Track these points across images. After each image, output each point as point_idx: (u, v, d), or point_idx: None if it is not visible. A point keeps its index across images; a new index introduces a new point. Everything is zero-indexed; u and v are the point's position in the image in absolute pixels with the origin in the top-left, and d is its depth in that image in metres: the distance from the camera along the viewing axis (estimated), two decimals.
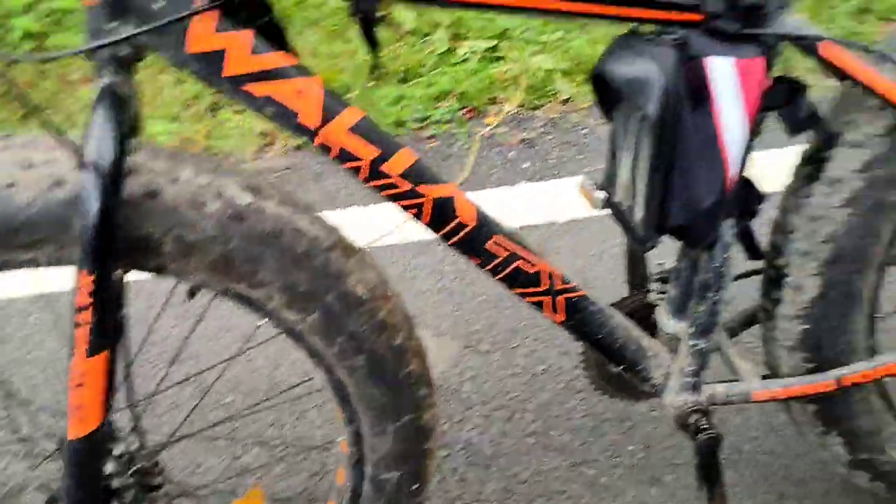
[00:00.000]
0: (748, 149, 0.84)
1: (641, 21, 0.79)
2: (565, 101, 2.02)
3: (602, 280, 1.61)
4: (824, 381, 0.98)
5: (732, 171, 0.83)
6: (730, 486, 1.23)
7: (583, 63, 2.05)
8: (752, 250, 0.96)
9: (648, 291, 1.08)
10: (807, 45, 0.81)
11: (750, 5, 0.77)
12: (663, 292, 1.06)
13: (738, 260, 0.95)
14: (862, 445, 1.07)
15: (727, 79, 0.79)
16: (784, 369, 1.03)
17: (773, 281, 0.98)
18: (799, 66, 0.88)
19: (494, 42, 2.12)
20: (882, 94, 0.81)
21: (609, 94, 0.86)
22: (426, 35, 2.19)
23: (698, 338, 0.97)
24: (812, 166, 0.91)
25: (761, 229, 0.96)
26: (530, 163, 1.88)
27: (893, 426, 1.07)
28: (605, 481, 1.31)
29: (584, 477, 1.32)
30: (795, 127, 0.85)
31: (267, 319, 0.89)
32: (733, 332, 1.12)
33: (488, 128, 1.97)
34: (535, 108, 2.03)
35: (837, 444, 1.08)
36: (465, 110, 2.02)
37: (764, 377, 1.04)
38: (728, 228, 0.91)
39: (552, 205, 1.76)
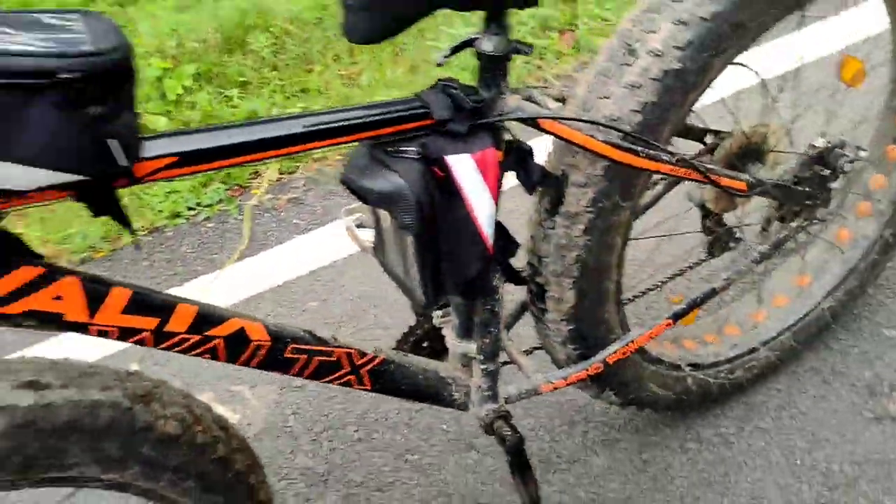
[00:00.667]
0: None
1: (382, 137, 0.83)
2: (318, 160, 2.18)
3: (388, 299, 1.72)
4: (595, 364, 1.15)
5: (490, 240, 0.92)
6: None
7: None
8: (515, 279, 1.08)
9: (432, 317, 1.18)
10: (529, 122, 0.89)
11: (473, 108, 0.84)
12: (447, 315, 1.17)
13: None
14: (629, 391, 1.28)
15: (468, 171, 0.86)
16: (561, 358, 1.18)
17: (537, 294, 1.11)
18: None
19: None
20: (596, 151, 0.92)
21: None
22: None
23: (487, 362, 1.09)
24: (549, 203, 1.03)
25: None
26: (301, 218, 2.02)
27: (649, 369, 1.29)
28: (429, 461, 1.45)
29: (409, 463, 1.45)
30: (531, 186, 0.95)
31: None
32: (508, 325, 1.26)
33: (255, 198, 2.10)
34: (293, 171, 2.18)
35: (611, 395, 1.28)
36: (231, 189, 2.12)
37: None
38: (495, 277, 1.01)
39: (330, 246, 1.90)
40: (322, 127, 0.79)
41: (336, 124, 0.80)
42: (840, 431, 1.43)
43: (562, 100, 1.07)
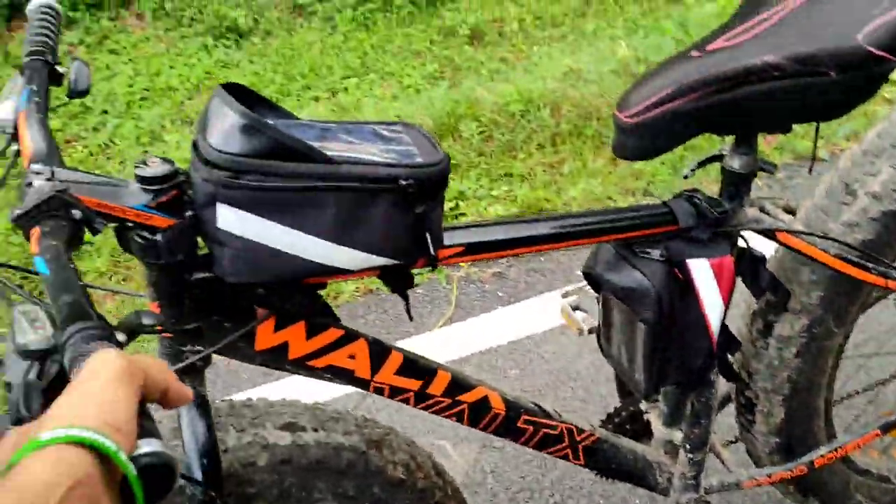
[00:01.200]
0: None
1: (631, 239, 0.92)
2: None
3: (583, 374, 1.81)
4: (799, 466, 1.16)
5: (716, 338, 0.98)
6: None
7: (527, 206, 2.39)
8: (729, 376, 1.12)
9: (639, 402, 1.24)
10: (767, 233, 0.96)
11: (716, 218, 0.91)
12: (653, 402, 1.22)
13: None
14: (834, 499, 1.27)
15: (705, 275, 0.93)
16: (764, 461, 1.21)
17: (746, 406, 1.15)
18: None
19: (454, 202, 2.45)
20: (829, 264, 0.97)
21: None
22: None
23: (694, 452, 1.14)
24: (763, 323, 1.08)
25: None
26: (503, 291, 2.17)
27: (856, 479, 1.28)
28: None
29: None
30: (759, 291, 1.00)
31: None
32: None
33: (461, 270, 2.24)
34: None
35: (815, 502, 1.28)
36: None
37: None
38: (714, 371, 1.06)
39: (530, 320, 2.03)
40: (582, 228, 0.90)
41: (594, 226, 0.90)
42: None
43: (791, 211, 1.12)
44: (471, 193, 2.45)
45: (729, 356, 1.08)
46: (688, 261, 0.92)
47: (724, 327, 1.04)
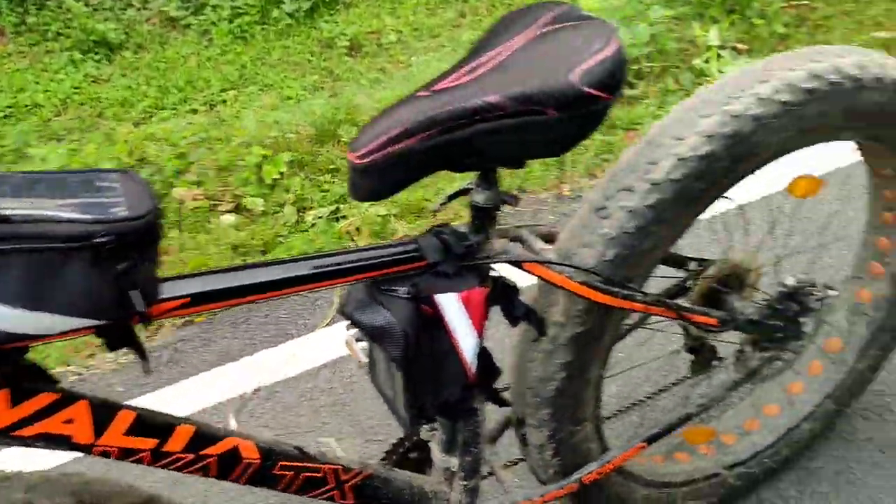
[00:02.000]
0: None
1: (377, 278, 0.90)
2: (403, 237, 2.35)
3: None
4: (570, 484, 1.19)
5: (472, 369, 0.99)
6: None
7: (409, 206, 2.40)
8: (498, 402, 1.14)
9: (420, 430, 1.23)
10: (515, 264, 0.97)
11: (463, 253, 0.91)
12: (434, 429, 1.22)
13: None
14: None
15: (454, 309, 0.93)
16: (542, 475, 1.23)
17: (520, 422, 1.17)
18: None
19: (336, 206, 2.47)
20: (575, 292, 0.99)
21: None
22: (276, 212, 2.48)
23: (468, 479, 1.14)
24: (523, 350, 1.10)
25: None
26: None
27: (638, 490, 1.33)
28: None
29: None
30: (514, 320, 1.02)
31: None
32: (493, 438, 1.31)
33: None
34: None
35: None
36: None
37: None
38: (477, 400, 1.07)
39: None
40: (326, 270, 0.87)
41: (339, 267, 0.88)
42: None
43: (551, 238, 1.15)
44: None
45: (495, 383, 1.09)
46: (436, 296, 0.92)
47: (484, 355, 1.05)
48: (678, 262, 1.34)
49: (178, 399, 1.93)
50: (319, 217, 2.46)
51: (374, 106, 2.79)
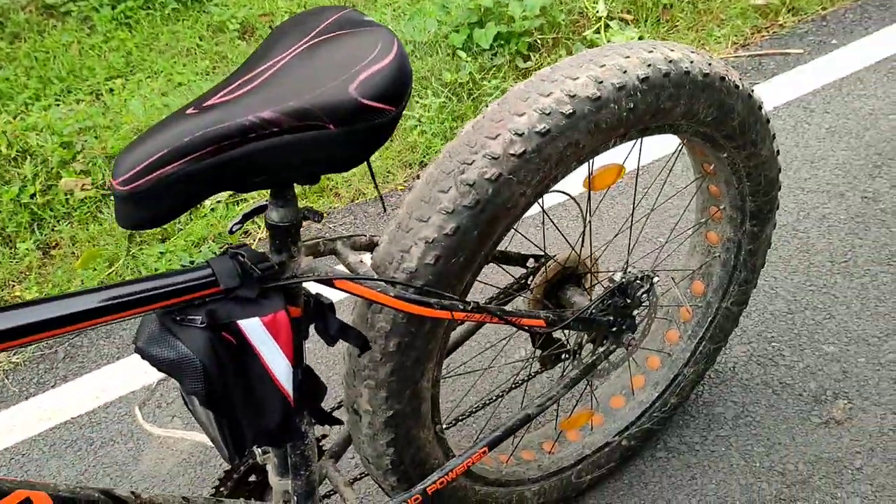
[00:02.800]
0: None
1: (170, 307, 0.85)
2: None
3: None
4: (414, 496, 1.17)
5: (290, 393, 0.94)
6: None
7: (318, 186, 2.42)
8: (328, 421, 1.10)
9: (254, 454, 1.19)
10: (325, 282, 0.93)
11: (262, 276, 0.87)
12: (268, 452, 1.17)
13: None
14: None
15: (260, 333, 0.88)
16: (387, 489, 1.21)
17: (357, 445, 1.14)
18: None
19: None
20: (390, 306, 0.97)
21: None
22: None
23: (303, 502, 1.10)
24: (350, 367, 1.08)
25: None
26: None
27: (485, 491, 1.32)
28: None
29: None
30: (330, 339, 0.98)
31: None
32: (336, 455, 1.28)
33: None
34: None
35: None
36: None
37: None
38: (304, 422, 1.03)
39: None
40: (113, 303, 0.80)
41: (127, 299, 0.81)
42: (792, 435, 1.62)
43: (371, 246, 1.12)
44: None
45: (321, 402, 1.06)
46: (239, 322, 0.87)
47: (308, 375, 1.01)
48: (516, 259, 1.34)
49: (77, 394, 1.87)
50: (218, 201, 2.41)
51: None
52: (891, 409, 1.63)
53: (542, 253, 1.35)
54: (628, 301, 1.24)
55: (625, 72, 1.03)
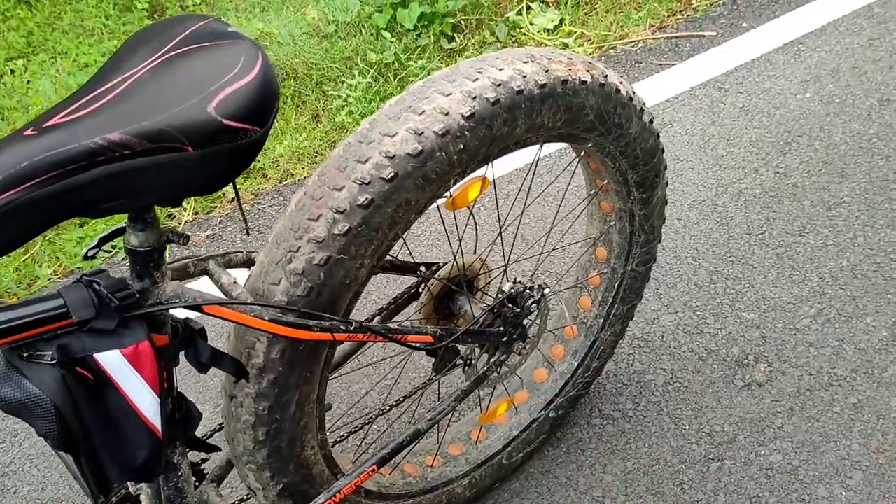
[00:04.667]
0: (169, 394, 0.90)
1: (14, 343, 0.77)
2: (232, 200, 2.36)
3: None
4: None
5: (158, 426, 0.88)
6: None
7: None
8: (203, 448, 1.04)
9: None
10: (194, 308, 0.87)
11: (120, 305, 0.80)
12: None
13: None
14: None
15: (120, 367, 0.82)
16: None
17: (236, 458, 1.08)
18: None
19: None
20: (265, 330, 0.92)
21: None
22: None
23: None
24: (228, 393, 1.02)
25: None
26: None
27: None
28: None
29: None
30: (202, 366, 0.92)
31: None
32: (219, 478, 1.22)
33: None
34: (210, 210, 2.34)
35: None
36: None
37: None
38: (176, 452, 0.97)
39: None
40: None
41: None
42: (718, 398, 1.70)
43: (250, 262, 1.06)
44: None
45: (194, 430, 1.00)
46: (96, 356, 0.80)
47: (181, 402, 0.95)
48: (405, 268, 1.31)
49: None
50: None
51: None
52: (807, 371, 1.72)
53: (431, 262, 1.32)
54: (518, 310, 1.23)
55: (446, 114, 0.97)
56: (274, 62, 2.70)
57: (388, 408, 1.36)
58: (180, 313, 0.91)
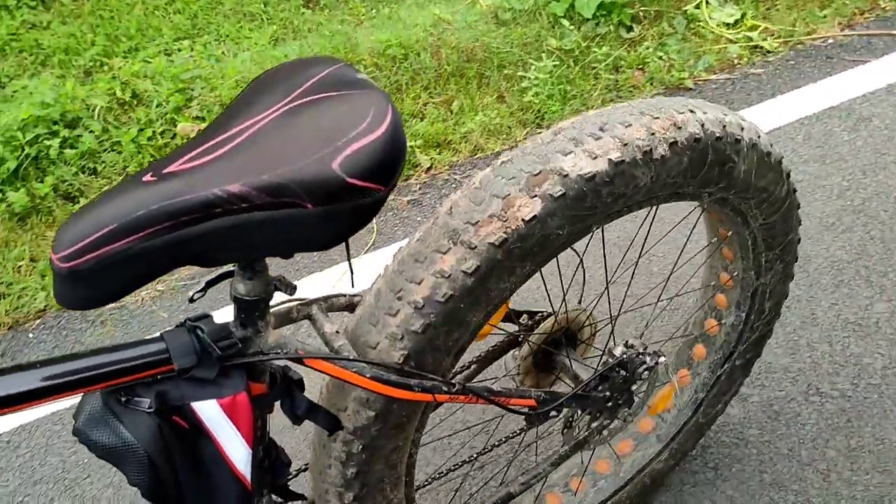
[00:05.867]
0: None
1: (118, 386, 0.74)
2: (428, 169, 2.46)
3: None
4: None
5: (248, 478, 0.84)
6: None
7: (430, 139, 2.53)
8: (291, 497, 1.00)
9: None
10: (295, 360, 0.83)
11: (222, 355, 0.77)
12: None
13: None
14: None
15: (217, 417, 0.79)
16: None
17: None
18: None
19: None
20: (365, 387, 0.87)
21: None
22: None
23: None
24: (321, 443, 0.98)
25: None
26: (422, 217, 2.30)
27: None
28: None
29: None
30: (297, 419, 0.88)
31: None
32: None
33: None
34: (407, 178, 2.44)
35: None
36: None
37: None
38: (263, 501, 0.93)
39: None
40: (51, 383, 0.70)
41: (66, 379, 0.71)
42: None
43: (351, 307, 1.02)
44: None
45: (283, 479, 0.96)
46: (193, 405, 0.77)
47: (270, 452, 0.91)
48: (511, 315, 1.25)
49: None
50: None
51: (370, 47, 2.82)
52: None
53: (535, 310, 1.25)
54: (627, 376, 1.15)
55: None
56: (454, 44, 2.80)
57: (474, 457, 1.30)
58: (280, 361, 0.88)
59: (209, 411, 0.78)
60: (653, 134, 0.93)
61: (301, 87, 0.72)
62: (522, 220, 0.87)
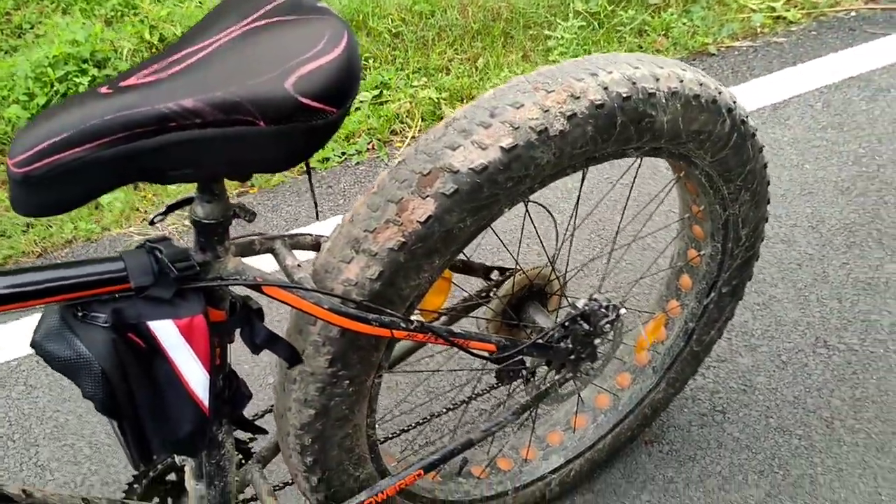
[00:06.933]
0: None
1: (71, 301, 0.76)
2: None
3: None
4: None
5: (205, 402, 0.86)
6: None
7: (455, 93, 2.59)
8: (250, 429, 1.02)
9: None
10: (253, 287, 0.85)
11: (179, 276, 0.78)
12: None
13: None
14: None
15: (173, 337, 0.80)
16: (313, 502, 1.13)
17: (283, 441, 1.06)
18: None
19: (378, 90, 2.60)
20: (324, 319, 0.88)
21: None
22: None
23: None
24: (282, 373, 1.00)
25: None
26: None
27: None
28: None
29: None
30: (256, 348, 0.90)
31: None
32: (264, 460, 1.20)
33: (400, 149, 2.42)
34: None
35: None
36: (372, 143, 2.46)
37: None
38: (221, 430, 0.95)
39: None
40: (9, 291, 0.72)
41: (24, 288, 0.73)
42: None
43: (316, 246, 1.03)
44: (392, 84, 2.59)
45: (243, 409, 0.98)
46: (149, 324, 0.79)
47: (229, 382, 0.93)
48: (479, 270, 1.26)
49: None
50: (362, 101, 2.52)
51: (398, 3, 2.84)
52: None
53: (510, 266, 1.27)
54: (590, 330, 1.17)
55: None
56: (481, 2, 2.83)
57: (442, 411, 1.32)
58: (241, 290, 0.89)
59: (165, 332, 0.80)
60: (546, 111, 0.92)
61: (259, 11, 0.73)
62: (418, 221, 0.89)
